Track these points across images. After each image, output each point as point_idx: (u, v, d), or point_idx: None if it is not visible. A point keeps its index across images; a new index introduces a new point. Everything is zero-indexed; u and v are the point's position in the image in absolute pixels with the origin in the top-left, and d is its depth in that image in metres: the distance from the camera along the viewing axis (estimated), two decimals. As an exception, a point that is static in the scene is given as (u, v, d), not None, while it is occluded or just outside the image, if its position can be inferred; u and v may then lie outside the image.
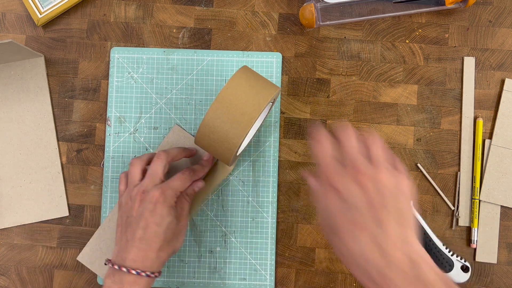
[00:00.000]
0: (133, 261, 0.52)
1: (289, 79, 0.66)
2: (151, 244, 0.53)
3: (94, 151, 0.66)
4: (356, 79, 0.66)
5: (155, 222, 0.54)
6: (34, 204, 0.65)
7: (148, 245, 0.53)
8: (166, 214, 0.54)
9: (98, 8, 0.67)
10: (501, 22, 0.66)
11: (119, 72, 0.66)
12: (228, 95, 0.51)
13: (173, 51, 0.66)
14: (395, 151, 0.64)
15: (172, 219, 0.55)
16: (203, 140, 0.53)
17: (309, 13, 0.62)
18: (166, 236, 0.54)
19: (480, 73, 0.65)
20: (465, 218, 0.63)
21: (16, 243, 0.65)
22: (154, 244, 0.53)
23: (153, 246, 0.53)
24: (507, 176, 0.63)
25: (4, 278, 0.64)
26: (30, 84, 0.66)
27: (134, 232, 0.54)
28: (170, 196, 0.55)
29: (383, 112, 0.65)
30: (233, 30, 0.67)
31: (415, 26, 0.66)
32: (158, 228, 0.54)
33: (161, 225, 0.54)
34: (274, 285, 0.63)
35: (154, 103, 0.65)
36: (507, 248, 0.63)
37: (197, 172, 0.60)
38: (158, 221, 0.54)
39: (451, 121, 0.65)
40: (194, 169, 0.59)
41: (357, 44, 0.66)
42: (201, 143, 0.54)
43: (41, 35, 0.67)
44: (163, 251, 0.54)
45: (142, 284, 0.53)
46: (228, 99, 0.51)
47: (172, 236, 0.55)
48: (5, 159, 0.65)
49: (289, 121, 0.65)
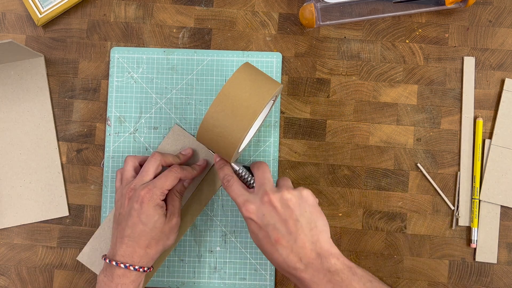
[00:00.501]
0: (122, 256, 0.55)
1: (289, 79, 0.66)
2: (138, 241, 0.55)
3: (94, 151, 0.66)
4: (356, 79, 0.66)
5: (141, 221, 0.55)
6: (34, 204, 0.65)
7: (136, 242, 0.55)
8: (152, 213, 0.55)
9: (98, 8, 0.67)
10: (501, 22, 0.66)
11: (119, 72, 0.66)
12: (232, 89, 0.51)
13: (173, 51, 0.66)
14: (395, 151, 0.65)
15: (158, 218, 0.56)
16: (205, 134, 0.53)
17: (309, 13, 0.62)
18: (153, 234, 0.55)
19: (480, 73, 0.65)
20: (465, 218, 0.63)
21: (16, 243, 0.64)
22: (141, 242, 0.55)
23: (141, 243, 0.55)
24: (507, 176, 0.63)
25: (4, 278, 0.64)
26: (30, 84, 0.66)
27: (123, 229, 0.55)
28: (156, 195, 0.56)
29: (383, 112, 0.65)
30: (233, 30, 0.67)
31: (415, 26, 0.66)
32: (144, 227, 0.55)
33: (147, 224, 0.55)
34: (274, 285, 0.63)
35: (154, 103, 0.65)
36: (507, 248, 0.63)
37: (185, 171, 0.59)
38: (144, 220, 0.55)
39: (451, 121, 0.65)
40: (183, 168, 0.60)
41: (357, 44, 0.66)
42: (203, 138, 0.54)
43: (41, 35, 0.67)
44: (151, 248, 0.56)
45: (132, 277, 0.54)
46: (232, 93, 0.51)
47: (160, 233, 0.56)
48: (5, 159, 0.65)
49: (289, 121, 0.65)
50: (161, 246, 0.57)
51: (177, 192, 0.60)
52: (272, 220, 0.51)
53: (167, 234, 0.57)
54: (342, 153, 0.65)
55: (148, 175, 0.58)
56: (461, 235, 0.63)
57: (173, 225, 0.58)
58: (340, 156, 0.65)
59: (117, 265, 0.54)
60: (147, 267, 0.56)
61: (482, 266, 0.63)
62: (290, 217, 0.50)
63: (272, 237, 0.50)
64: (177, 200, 0.59)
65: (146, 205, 0.55)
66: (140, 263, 0.55)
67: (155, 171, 0.58)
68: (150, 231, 0.55)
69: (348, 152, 0.65)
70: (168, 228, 0.57)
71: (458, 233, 0.64)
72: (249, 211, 0.52)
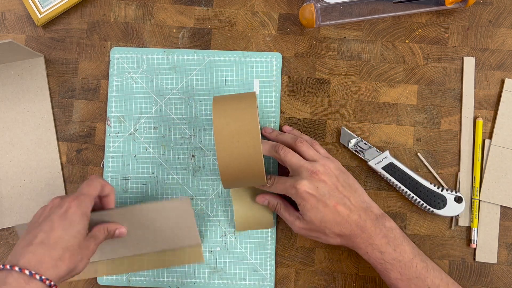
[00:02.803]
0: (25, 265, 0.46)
1: (289, 79, 0.66)
2: (50, 250, 0.48)
3: (94, 151, 0.66)
4: (356, 79, 0.66)
5: (63, 226, 0.49)
6: (34, 204, 0.65)
7: (47, 251, 0.48)
8: (77, 221, 0.50)
9: (98, 8, 0.67)
10: (501, 22, 0.66)
11: (119, 72, 0.66)
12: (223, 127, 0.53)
13: (173, 51, 0.66)
14: (395, 151, 0.65)
15: (81, 228, 0.50)
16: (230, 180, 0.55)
17: (309, 13, 0.62)
18: (70, 244, 0.49)
19: (480, 73, 0.65)
20: (465, 218, 0.63)
21: (16, 243, 0.64)
22: (54, 251, 0.48)
23: (53, 253, 0.48)
24: (507, 176, 0.63)
25: (4, 278, 0.64)
26: (30, 84, 0.66)
27: (34, 236, 0.49)
28: (85, 203, 0.52)
29: (383, 112, 0.65)
30: (233, 30, 0.67)
31: (415, 26, 0.66)
32: (64, 233, 0.49)
33: (68, 231, 0.49)
34: (274, 285, 0.63)
35: (154, 103, 0.65)
36: (507, 248, 0.63)
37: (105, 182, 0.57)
38: (66, 226, 0.50)
39: (451, 121, 0.65)
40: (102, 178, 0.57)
41: (357, 44, 0.66)
42: (231, 184, 0.56)
43: (41, 35, 0.67)
44: (64, 261, 0.48)
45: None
46: (225, 130, 0.53)
47: (78, 248, 0.50)
48: (5, 159, 0.65)
49: (289, 121, 0.65)
50: (73, 264, 0.49)
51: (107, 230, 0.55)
52: (325, 189, 0.55)
53: (82, 254, 0.50)
54: (342, 153, 0.65)
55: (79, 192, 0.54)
56: (461, 235, 0.63)
57: (90, 247, 0.52)
58: (341, 156, 0.65)
59: (21, 271, 0.45)
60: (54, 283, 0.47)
61: (482, 266, 0.63)
62: (338, 182, 0.56)
63: (331, 204, 0.55)
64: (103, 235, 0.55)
65: (72, 211, 0.50)
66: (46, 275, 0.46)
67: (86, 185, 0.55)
68: (68, 240, 0.49)
69: (348, 152, 0.65)
70: (85, 246, 0.51)
71: (458, 233, 0.64)
72: (305, 188, 0.55)
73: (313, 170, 0.56)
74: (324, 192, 0.55)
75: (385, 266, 0.54)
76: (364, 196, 0.58)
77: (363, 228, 0.55)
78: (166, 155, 0.65)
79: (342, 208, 0.55)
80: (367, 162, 0.63)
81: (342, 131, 0.64)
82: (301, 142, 0.59)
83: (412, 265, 0.54)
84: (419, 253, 0.55)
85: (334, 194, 0.55)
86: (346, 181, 0.57)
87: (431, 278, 0.54)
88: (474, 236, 0.63)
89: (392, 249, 0.54)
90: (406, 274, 0.54)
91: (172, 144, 0.65)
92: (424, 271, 0.54)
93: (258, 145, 0.53)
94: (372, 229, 0.55)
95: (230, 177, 0.54)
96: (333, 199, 0.55)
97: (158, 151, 0.65)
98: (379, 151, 0.63)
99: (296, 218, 0.58)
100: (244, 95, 0.56)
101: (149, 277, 0.63)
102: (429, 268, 0.54)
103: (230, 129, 0.53)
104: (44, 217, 0.51)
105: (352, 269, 0.63)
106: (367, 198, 0.58)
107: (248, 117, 0.53)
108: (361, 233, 0.55)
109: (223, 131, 0.53)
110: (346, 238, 0.56)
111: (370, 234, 0.55)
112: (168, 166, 0.65)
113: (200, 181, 0.65)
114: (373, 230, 0.55)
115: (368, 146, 0.63)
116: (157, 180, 0.65)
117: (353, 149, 0.63)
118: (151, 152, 0.65)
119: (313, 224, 0.56)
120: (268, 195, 0.60)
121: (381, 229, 0.55)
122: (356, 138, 0.64)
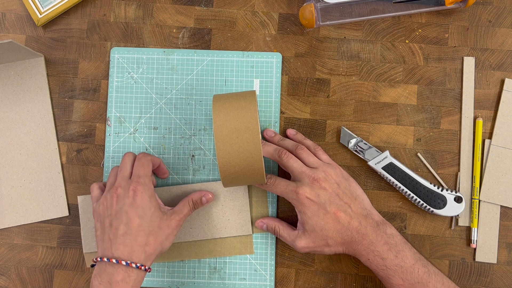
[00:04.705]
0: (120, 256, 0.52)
1: (289, 79, 0.66)
2: (136, 238, 0.52)
3: (94, 151, 0.66)
4: (356, 79, 0.66)
5: (137, 214, 0.53)
6: (34, 204, 0.65)
7: (134, 239, 0.52)
8: (148, 205, 0.54)
9: (98, 8, 0.67)
10: (501, 22, 0.66)
11: (119, 72, 0.66)
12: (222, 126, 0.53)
13: (173, 51, 0.66)
14: (395, 151, 0.65)
15: (154, 210, 0.54)
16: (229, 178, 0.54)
17: (309, 13, 0.62)
18: (151, 228, 0.53)
19: (480, 73, 0.65)
20: (465, 218, 0.63)
21: (16, 243, 0.65)
22: (139, 238, 0.52)
23: (139, 240, 0.52)
24: (507, 176, 0.63)
25: (4, 278, 0.64)
26: (30, 84, 0.66)
27: (116, 229, 0.53)
28: (147, 185, 0.55)
29: (383, 112, 0.65)
30: (233, 30, 0.67)
31: (415, 26, 0.66)
32: (142, 220, 0.53)
33: (143, 217, 0.53)
34: (274, 285, 0.63)
35: (154, 103, 0.66)
36: (507, 248, 0.63)
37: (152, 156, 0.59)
38: (140, 213, 0.53)
39: (451, 121, 0.65)
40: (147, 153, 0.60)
41: (357, 44, 0.66)
42: (230, 183, 0.55)
43: (41, 35, 0.67)
44: (150, 245, 0.53)
45: (131, 282, 0.51)
46: (225, 128, 0.53)
47: (158, 229, 0.54)
48: (5, 159, 0.65)
49: (289, 121, 0.65)
50: (159, 245, 0.54)
51: (191, 201, 0.59)
52: (326, 196, 0.56)
53: (166, 233, 0.55)
54: (342, 153, 0.65)
55: (127, 170, 0.57)
56: (461, 235, 0.63)
57: (172, 225, 0.56)
58: (340, 156, 0.65)
59: (118, 262, 0.51)
60: (148, 267, 0.53)
61: (482, 266, 0.63)
62: (339, 189, 0.57)
63: (331, 211, 0.55)
64: (188, 208, 0.58)
65: (139, 197, 0.54)
66: (140, 262, 0.52)
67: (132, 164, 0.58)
68: (147, 225, 0.53)
69: (348, 152, 0.65)
70: (166, 225, 0.55)
71: (458, 233, 0.64)
72: (306, 194, 0.55)
73: (314, 177, 0.56)
74: (324, 199, 0.56)
75: (387, 272, 0.55)
76: (365, 203, 0.58)
77: (364, 235, 0.55)
78: (166, 155, 0.65)
79: (343, 215, 0.55)
80: (367, 162, 0.63)
81: (342, 131, 0.64)
82: (302, 149, 0.59)
83: (414, 270, 0.54)
84: (420, 258, 0.55)
85: (334, 201, 0.56)
86: (347, 188, 0.57)
87: (433, 282, 0.54)
88: (474, 236, 0.63)
89: (394, 255, 0.55)
90: (408, 279, 0.54)
91: (172, 144, 0.65)
92: (426, 276, 0.54)
93: (257, 143, 0.52)
94: (373, 236, 0.55)
95: (229, 174, 0.54)
96: (334, 206, 0.56)
97: (158, 151, 0.65)
98: (379, 151, 0.63)
99: (296, 237, 0.57)
100: (244, 94, 0.56)
101: (149, 276, 0.63)
102: (430, 273, 0.54)
103: (229, 127, 0.53)
104: (116, 210, 0.54)
105: (352, 269, 0.64)
106: (368, 205, 0.58)
107: (248, 114, 0.53)
108: (362, 240, 0.55)
109: (223, 129, 0.53)
110: (348, 245, 0.56)
111: (371, 241, 0.55)
112: (168, 166, 0.65)
113: (200, 181, 0.65)
114: (374, 237, 0.55)
115: (368, 146, 0.63)
116: (157, 180, 0.65)
117: (353, 149, 0.64)
118: (151, 152, 0.65)
119: (315, 233, 0.56)
120: (266, 219, 0.61)
121: (382, 236, 0.55)
122: (356, 138, 0.64)
